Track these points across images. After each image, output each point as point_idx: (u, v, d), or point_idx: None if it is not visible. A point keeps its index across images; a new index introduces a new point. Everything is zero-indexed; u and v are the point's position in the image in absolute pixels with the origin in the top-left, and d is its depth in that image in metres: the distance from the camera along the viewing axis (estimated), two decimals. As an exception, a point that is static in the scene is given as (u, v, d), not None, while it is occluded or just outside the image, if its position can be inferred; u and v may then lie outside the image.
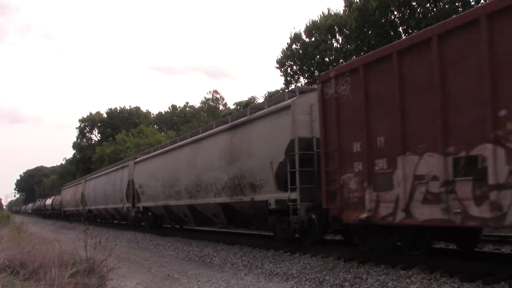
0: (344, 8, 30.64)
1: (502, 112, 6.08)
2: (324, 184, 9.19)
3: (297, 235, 10.66)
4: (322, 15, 32.59)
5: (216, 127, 14.57)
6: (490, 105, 6.21)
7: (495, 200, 6.07)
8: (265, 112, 11.70)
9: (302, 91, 11.04)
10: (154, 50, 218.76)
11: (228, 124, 13.47)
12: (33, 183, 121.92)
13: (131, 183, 22.19)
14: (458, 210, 6.57)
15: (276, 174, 10.87)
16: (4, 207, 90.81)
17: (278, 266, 9.56)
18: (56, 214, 48.10)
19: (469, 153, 6.48)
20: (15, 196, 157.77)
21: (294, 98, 10.68)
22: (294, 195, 10.20)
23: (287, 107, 10.63)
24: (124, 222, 24.86)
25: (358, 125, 8.37)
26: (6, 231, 13.90)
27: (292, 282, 8.24)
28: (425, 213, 7.09)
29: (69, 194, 39.72)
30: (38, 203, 69.01)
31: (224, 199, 13.24)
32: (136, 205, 21.63)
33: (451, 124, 6.74)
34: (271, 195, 11.13)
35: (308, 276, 8.37)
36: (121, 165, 25.04)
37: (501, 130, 6.07)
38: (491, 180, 6.13)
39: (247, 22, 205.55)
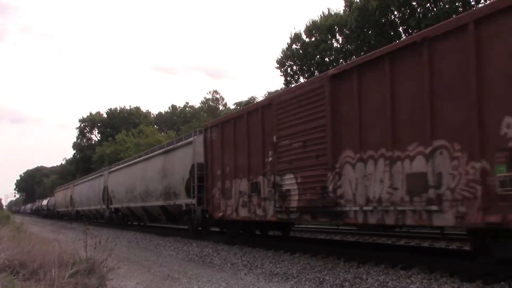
0: (344, 8, 30.65)
1: (266, 159, 11.03)
2: (205, 194, 14.48)
3: (200, 228, 15.65)
4: (322, 15, 32.59)
5: (158, 150, 20.50)
6: (262, 154, 11.18)
7: (264, 206, 11.16)
8: (181, 144, 17.15)
9: (200, 131, 15.77)
10: (154, 50, 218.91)
11: (163, 150, 19.37)
12: (33, 183, 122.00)
13: (106, 189, 27.53)
14: (253, 211, 11.63)
15: (186, 186, 15.92)
16: (4, 207, 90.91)
17: (278, 266, 9.56)
18: (51, 214, 52.94)
19: (256, 180, 11.49)
20: (15, 196, 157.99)
21: (195, 136, 15.93)
22: (194, 201, 15.14)
23: (191, 142, 15.91)
24: (102, 221, 29.71)
25: (218, 158, 13.51)
26: (6, 231, 13.90)
27: (292, 282, 8.24)
28: (242, 213, 12.21)
29: (60, 196, 44.59)
30: (37, 203, 72.98)
31: (161, 202, 18.49)
32: (109, 206, 27.14)
33: (251, 164, 11.73)
34: (183, 200, 16.24)
35: (308, 276, 8.37)
36: (99, 173, 30.84)
37: (265, 169, 11.07)
38: (262, 195, 11.23)
39: (247, 22, 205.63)
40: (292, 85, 32.92)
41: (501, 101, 6.01)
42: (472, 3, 22.57)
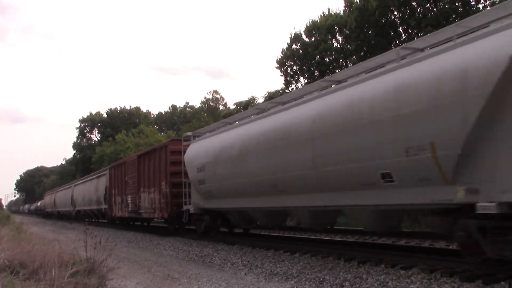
0: (344, 8, 30.61)
1: (124, 187, 23.08)
2: (109, 203, 26.65)
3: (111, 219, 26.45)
4: (322, 15, 32.55)
5: (97, 173, 31.44)
6: (124, 185, 22.69)
7: (125, 210, 22.61)
8: (103, 173, 28.66)
9: (111, 167, 26.55)
10: (155, 50, 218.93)
11: (96, 175, 31.26)
12: (33, 183, 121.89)
13: (72, 196, 37.64)
14: (123, 212, 22.74)
15: (104, 198, 27.60)
16: (4, 207, 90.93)
17: (278, 266, 9.56)
18: (43, 214, 62.12)
19: (123, 197, 23.38)
20: (15, 196, 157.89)
21: (109, 167, 27.22)
22: (107, 206, 26.66)
23: (105, 174, 27.05)
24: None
25: (112, 184, 24.85)
26: (6, 231, 13.90)
27: (292, 282, 8.24)
28: (119, 213, 24.30)
29: (47, 200, 55.99)
30: (34, 204, 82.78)
31: (95, 207, 30.48)
32: (75, 208, 36.83)
33: (121, 189, 23.35)
34: (103, 206, 27.82)
35: (308, 276, 8.37)
36: (69, 185, 40.01)
37: (125, 192, 22.70)
38: (124, 204, 23.34)
39: (248, 22, 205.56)
40: (292, 85, 33.01)
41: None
42: (472, 3, 22.56)
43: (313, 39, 32.16)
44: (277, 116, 10.79)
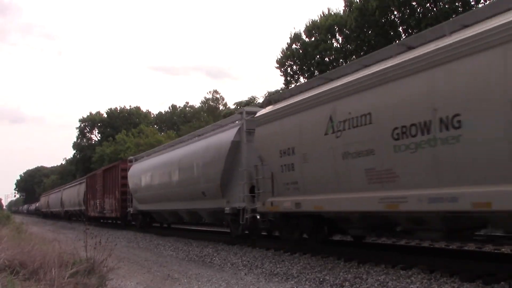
0: (344, 8, 30.64)
1: (98, 194, 29.31)
2: (86, 205, 33.40)
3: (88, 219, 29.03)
4: (322, 15, 32.58)
5: (79, 181, 37.52)
6: (96, 192, 29.12)
7: (97, 210, 29.17)
8: (81, 179, 36.22)
9: (87, 177, 33.24)
10: (155, 50, 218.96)
11: (78, 182, 37.39)
12: (33, 183, 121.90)
13: (61, 199, 44.57)
14: (97, 212, 29.78)
15: (83, 201, 33.78)
16: (4, 207, 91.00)
17: (278, 266, 9.56)
18: (39, 213, 67.20)
19: (95, 200, 29.67)
20: (15, 196, 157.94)
21: (86, 177, 34.25)
22: (84, 208, 34.03)
23: (84, 181, 33.55)
24: (61, 217, 43.22)
25: (89, 191, 31.68)
26: (6, 231, 13.89)
27: (292, 282, 8.24)
28: (92, 213, 29.96)
29: (43, 201, 62.48)
30: (32, 205, 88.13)
31: (78, 208, 35.68)
32: (64, 209, 43.59)
33: (94, 195, 29.74)
34: (83, 207, 33.71)
35: (308, 276, 8.37)
36: (58, 190, 50.03)
37: (97, 196, 29.09)
38: (98, 206, 29.07)
39: (248, 22, 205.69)
40: (292, 85, 33.00)
41: None
42: (472, 3, 22.58)
43: (313, 39, 32.18)
44: (167, 153, 18.73)
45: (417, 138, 6.94)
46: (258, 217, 11.86)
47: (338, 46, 31.49)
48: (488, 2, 21.41)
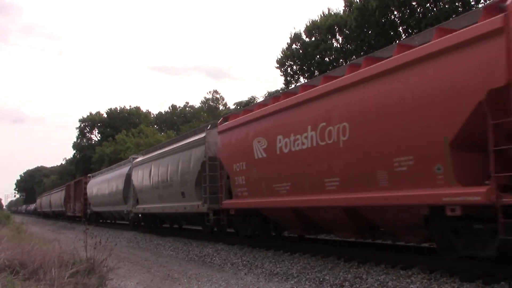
0: (344, 8, 30.64)
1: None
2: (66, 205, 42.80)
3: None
4: (322, 15, 32.58)
5: (61, 188, 45.99)
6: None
7: (82, 211, 35.12)
8: (63, 187, 45.40)
9: (66, 185, 43.20)
10: (155, 50, 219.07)
11: (61, 188, 46.44)
12: (33, 183, 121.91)
13: (50, 201, 52.68)
14: (74, 212, 38.24)
15: (64, 203, 42.83)
16: (4, 207, 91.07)
17: (278, 266, 9.56)
18: (37, 213, 71.24)
19: (77, 202, 37.64)
20: (15, 196, 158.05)
21: (66, 186, 43.58)
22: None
23: (62, 190, 44.35)
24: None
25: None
26: (6, 231, 13.90)
27: (292, 282, 8.24)
28: (77, 212, 37.59)
29: (41, 201, 67.29)
30: (31, 205, 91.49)
31: (59, 209, 44.79)
32: (53, 210, 51.75)
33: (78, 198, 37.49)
34: (61, 209, 43.89)
35: (308, 276, 8.37)
36: (49, 193, 58.01)
37: (81, 198, 35.39)
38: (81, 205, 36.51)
39: (248, 22, 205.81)
40: (292, 85, 33.01)
41: None
42: (472, 3, 22.57)
43: (313, 39, 32.18)
44: (112, 172, 26.97)
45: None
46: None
47: (338, 46, 31.50)
48: (488, 1, 21.40)
